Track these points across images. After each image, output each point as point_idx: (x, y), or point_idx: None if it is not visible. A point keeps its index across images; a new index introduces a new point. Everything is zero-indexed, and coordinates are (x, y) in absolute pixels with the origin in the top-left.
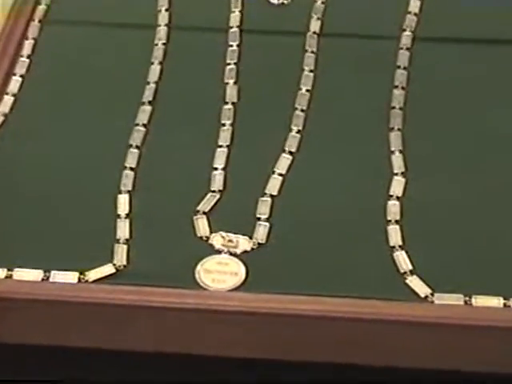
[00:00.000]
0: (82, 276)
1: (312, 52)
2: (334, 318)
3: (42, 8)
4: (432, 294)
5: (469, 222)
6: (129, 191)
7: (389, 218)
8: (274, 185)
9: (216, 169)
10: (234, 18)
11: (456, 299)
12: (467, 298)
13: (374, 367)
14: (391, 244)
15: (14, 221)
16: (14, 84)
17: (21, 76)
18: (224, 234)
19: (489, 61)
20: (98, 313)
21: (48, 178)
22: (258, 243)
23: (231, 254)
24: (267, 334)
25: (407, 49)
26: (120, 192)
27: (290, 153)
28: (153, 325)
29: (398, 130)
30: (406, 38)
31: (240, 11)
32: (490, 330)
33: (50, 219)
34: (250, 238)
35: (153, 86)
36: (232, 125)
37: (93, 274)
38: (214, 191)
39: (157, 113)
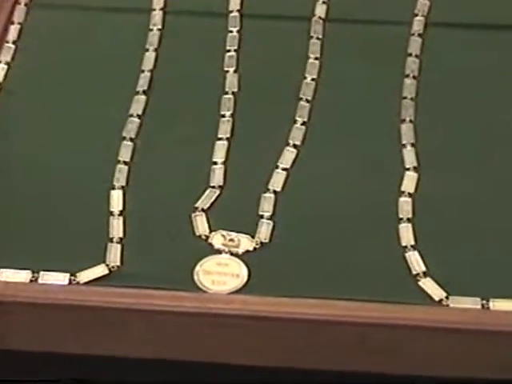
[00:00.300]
0: (72, 277)
1: (317, 38)
2: (342, 322)
3: None
4: (447, 298)
5: (485, 220)
6: (122, 187)
7: (400, 216)
8: (277, 180)
9: (215, 163)
10: (234, 1)
11: (472, 303)
12: (484, 302)
13: (385, 375)
14: (403, 243)
15: (3, 221)
16: None
17: (6, 64)
18: (224, 232)
19: (504, 47)
20: (89, 317)
21: (36, 173)
22: (261, 242)
23: (232, 254)
24: (271, 340)
25: (419, 35)
26: (113, 187)
27: (295, 146)
28: (149, 330)
29: (410, 121)
30: (417, 23)
31: None
32: (508, 335)
33: (38, 217)
34: (252, 236)
35: (147, 74)
36: (232, 116)
37: (84, 275)
38: (213, 187)
39: (152, 103)
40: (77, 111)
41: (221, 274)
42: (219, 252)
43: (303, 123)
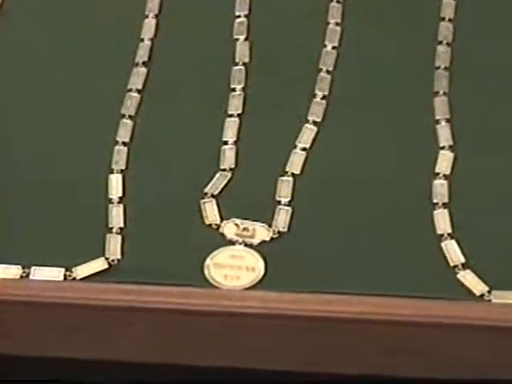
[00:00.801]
0: (68, 273)
1: (338, 1)
2: (371, 321)
3: None
4: (489, 292)
5: None
6: (122, 170)
7: (435, 201)
8: (295, 161)
9: (226, 143)
10: None
11: None
12: None
13: (419, 379)
14: (438, 232)
15: None
16: None
17: None
18: (238, 221)
19: None
20: (87, 317)
21: (26, 155)
22: (279, 232)
23: (246, 244)
24: (292, 342)
25: None
26: (111, 171)
27: (314, 123)
28: (153, 331)
29: (444, 94)
30: None
31: None
32: None
33: (28, 205)
34: (269, 225)
35: (147, 43)
36: (243, 89)
37: (81, 270)
38: (224, 170)
39: (153, 76)
40: (69, 86)
41: (234, 268)
42: (232, 243)
43: (323, 97)
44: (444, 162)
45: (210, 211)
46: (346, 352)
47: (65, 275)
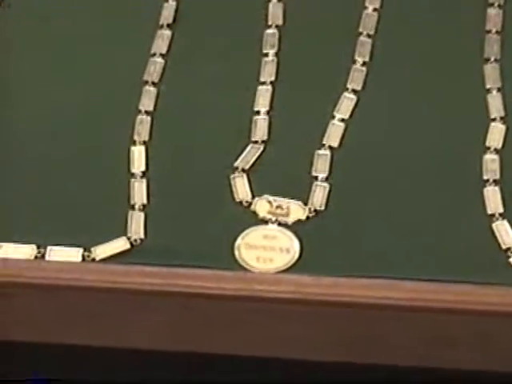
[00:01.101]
0: (86, 253)
1: None
2: (415, 308)
3: None
4: None
5: None
6: (144, 142)
7: (485, 177)
8: (334, 133)
9: (258, 112)
10: None
11: None
12: None
13: (468, 372)
14: (489, 211)
15: (1, 184)
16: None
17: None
18: (271, 198)
19: None
20: (107, 301)
21: (44, 127)
22: (315, 210)
23: (280, 224)
24: (329, 330)
25: None
26: (134, 143)
27: (354, 91)
28: (179, 317)
29: (495, 61)
30: None
31: None
32: None
33: (44, 180)
34: (305, 203)
35: (172, 3)
36: (276, 54)
37: (101, 251)
38: (255, 142)
39: (178, 39)
40: (88, 51)
41: (267, 249)
42: (264, 222)
43: (364, 63)
44: (495, 135)
45: (241, 187)
46: (386, 341)
47: (83, 256)
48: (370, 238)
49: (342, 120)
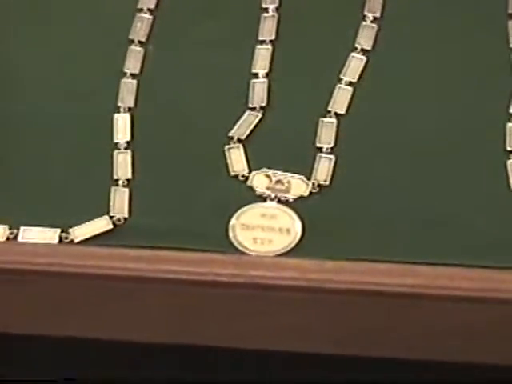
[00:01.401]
0: (64, 234)
1: None
2: (432, 296)
3: None
4: None
5: None
6: (130, 109)
7: (509, 148)
8: (340, 99)
9: (256, 75)
10: None
11: None
12: None
13: (480, 365)
14: None
15: None
16: None
17: None
18: (270, 171)
19: None
20: (88, 288)
21: (16, 90)
22: (319, 185)
23: (280, 201)
24: (335, 320)
25: None
26: (117, 110)
27: (364, 51)
28: (168, 305)
29: None
30: None
31: None
32: None
33: (18, 153)
34: (308, 177)
35: None
36: (277, 10)
37: (80, 232)
38: (253, 108)
39: None
40: (68, 7)
41: (265, 230)
42: (263, 199)
43: (374, 19)
44: None
45: (237, 159)
46: (400, 333)
47: (60, 237)
48: (381, 217)
49: (350, 83)
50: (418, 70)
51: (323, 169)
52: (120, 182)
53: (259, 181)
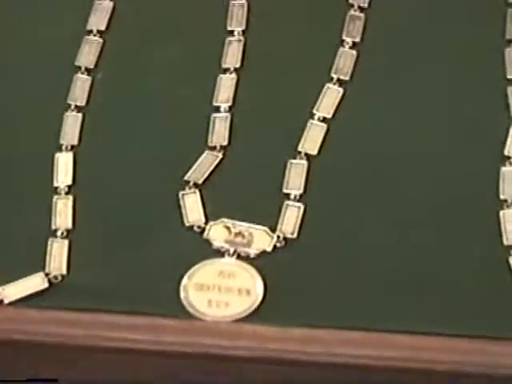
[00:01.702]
0: None
1: None
2: (415, 370)
3: None
4: None
5: None
6: (73, 147)
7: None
8: (312, 137)
9: (217, 109)
10: None
11: None
12: None
13: None
14: (505, 242)
15: None
16: None
17: None
18: (229, 222)
19: None
20: (18, 356)
21: None
22: (285, 239)
23: (240, 256)
24: None
25: None
26: (59, 148)
27: (340, 82)
28: (109, 378)
29: None
30: None
31: None
32: None
33: None
34: (273, 229)
35: None
36: (243, 33)
37: (10, 291)
38: (213, 148)
39: (119, 12)
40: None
41: (222, 290)
42: (221, 254)
43: (354, 44)
44: None
45: (192, 207)
46: None
47: None
48: (356, 277)
49: (324, 119)
50: (400, 105)
51: (290, 219)
52: (59, 233)
53: (217, 233)
